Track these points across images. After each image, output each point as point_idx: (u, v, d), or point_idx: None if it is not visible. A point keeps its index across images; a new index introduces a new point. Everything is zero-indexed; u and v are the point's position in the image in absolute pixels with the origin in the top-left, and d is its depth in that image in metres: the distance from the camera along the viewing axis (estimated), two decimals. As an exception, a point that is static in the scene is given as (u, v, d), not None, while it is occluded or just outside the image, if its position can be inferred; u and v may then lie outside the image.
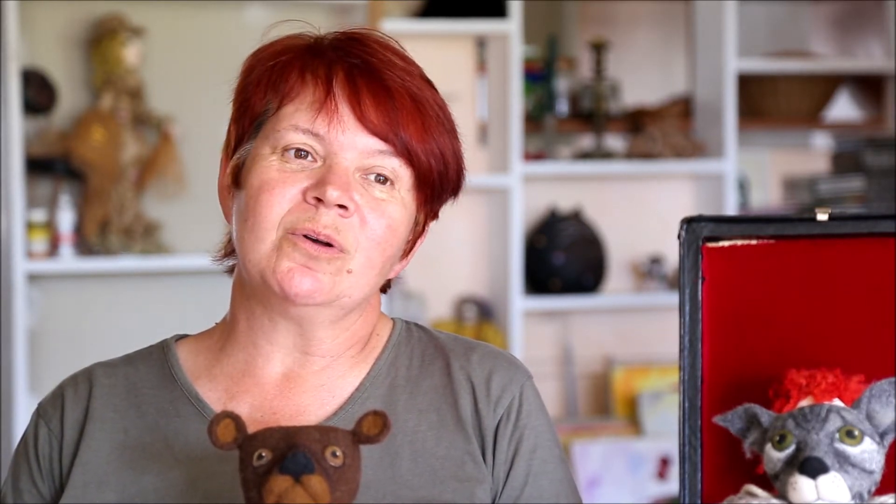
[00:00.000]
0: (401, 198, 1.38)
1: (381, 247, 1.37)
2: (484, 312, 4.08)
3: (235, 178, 1.40)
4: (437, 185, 1.40)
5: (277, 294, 1.35)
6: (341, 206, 1.33)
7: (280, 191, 1.34)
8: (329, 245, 1.34)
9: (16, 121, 3.51)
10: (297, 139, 1.36)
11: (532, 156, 4.10)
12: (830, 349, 1.32)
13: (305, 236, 1.33)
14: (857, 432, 1.08)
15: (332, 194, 1.33)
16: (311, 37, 1.41)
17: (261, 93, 1.39)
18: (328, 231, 1.33)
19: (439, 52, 3.99)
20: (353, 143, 1.35)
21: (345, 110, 1.35)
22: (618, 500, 3.97)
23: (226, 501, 1.31)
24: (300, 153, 1.36)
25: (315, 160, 1.36)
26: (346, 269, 1.35)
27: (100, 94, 3.68)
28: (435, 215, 1.45)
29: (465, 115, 3.97)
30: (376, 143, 1.36)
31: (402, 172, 1.37)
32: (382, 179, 1.37)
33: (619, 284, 4.28)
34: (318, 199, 1.33)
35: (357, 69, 1.37)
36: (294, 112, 1.36)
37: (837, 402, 1.10)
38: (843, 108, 4.54)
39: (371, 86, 1.36)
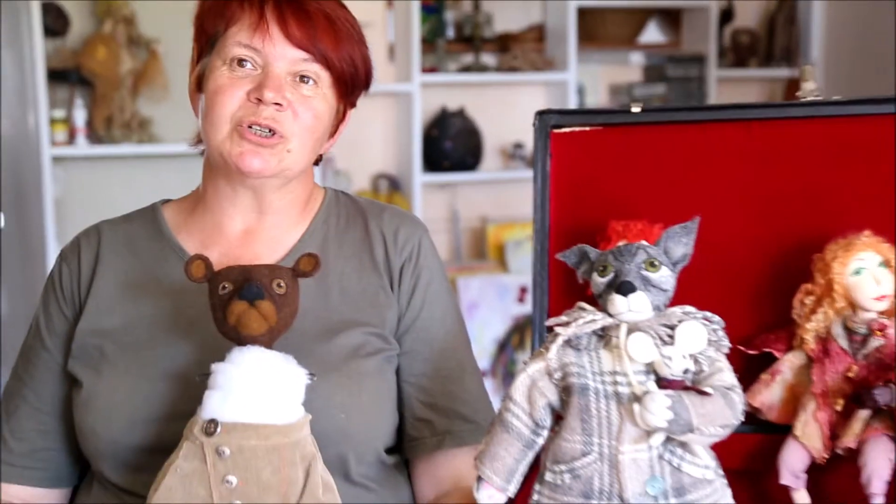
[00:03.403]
0: (323, 94, 1.35)
1: (310, 131, 1.34)
2: (393, 185, 4.07)
3: (198, 85, 1.37)
4: (349, 82, 1.37)
5: (234, 171, 1.33)
6: (277, 104, 1.31)
7: (230, 93, 1.32)
8: (272, 133, 1.31)
9: (38, 41, 3.44)
10: (241, 52, 1.32)
11: (428, 69, 4.06)
12: (641, 206, 1.33)
13: (250, 126, 1.31)
14: (657, 262, 1.09)
15: (269, 95, 1.30)
16: None
17: (211, 18, 1.35)
18: (268, 122, 1.31)
19: (358, -10, 3.92)
20: (283, 54, 1.32)
21: (275, 30, 1.32)
22: (490, 319, 4.03)
23: (202, 323, 1.30)
24: (242, 63, 1.33)
25: (255, 68, 1.33)
26: (286, 150, 1.33)
27: (102, 20, 3.60)
28: (352, 104, 1.42)
29: (378, 38, 3.91)
30: (301, 54, 1.33)
31: (322, 74, 1.34)
32: (308, 80, 1.34)
33: (493, 164, 4.28)
34: (259, 99, 1.31)
35: None
36: (237, 32, 1.33)
37: (644, 243, 1.11)
38: (652, 33, 4.54)
39: (294, 10, 1.33)
